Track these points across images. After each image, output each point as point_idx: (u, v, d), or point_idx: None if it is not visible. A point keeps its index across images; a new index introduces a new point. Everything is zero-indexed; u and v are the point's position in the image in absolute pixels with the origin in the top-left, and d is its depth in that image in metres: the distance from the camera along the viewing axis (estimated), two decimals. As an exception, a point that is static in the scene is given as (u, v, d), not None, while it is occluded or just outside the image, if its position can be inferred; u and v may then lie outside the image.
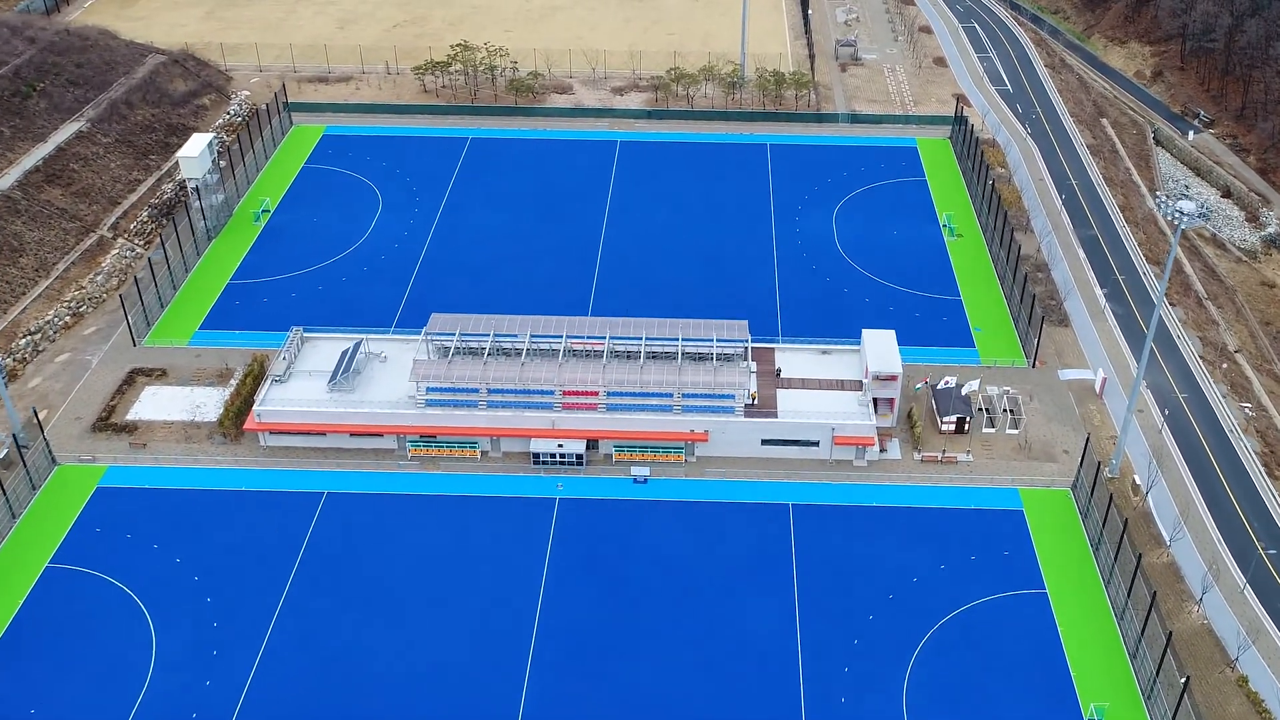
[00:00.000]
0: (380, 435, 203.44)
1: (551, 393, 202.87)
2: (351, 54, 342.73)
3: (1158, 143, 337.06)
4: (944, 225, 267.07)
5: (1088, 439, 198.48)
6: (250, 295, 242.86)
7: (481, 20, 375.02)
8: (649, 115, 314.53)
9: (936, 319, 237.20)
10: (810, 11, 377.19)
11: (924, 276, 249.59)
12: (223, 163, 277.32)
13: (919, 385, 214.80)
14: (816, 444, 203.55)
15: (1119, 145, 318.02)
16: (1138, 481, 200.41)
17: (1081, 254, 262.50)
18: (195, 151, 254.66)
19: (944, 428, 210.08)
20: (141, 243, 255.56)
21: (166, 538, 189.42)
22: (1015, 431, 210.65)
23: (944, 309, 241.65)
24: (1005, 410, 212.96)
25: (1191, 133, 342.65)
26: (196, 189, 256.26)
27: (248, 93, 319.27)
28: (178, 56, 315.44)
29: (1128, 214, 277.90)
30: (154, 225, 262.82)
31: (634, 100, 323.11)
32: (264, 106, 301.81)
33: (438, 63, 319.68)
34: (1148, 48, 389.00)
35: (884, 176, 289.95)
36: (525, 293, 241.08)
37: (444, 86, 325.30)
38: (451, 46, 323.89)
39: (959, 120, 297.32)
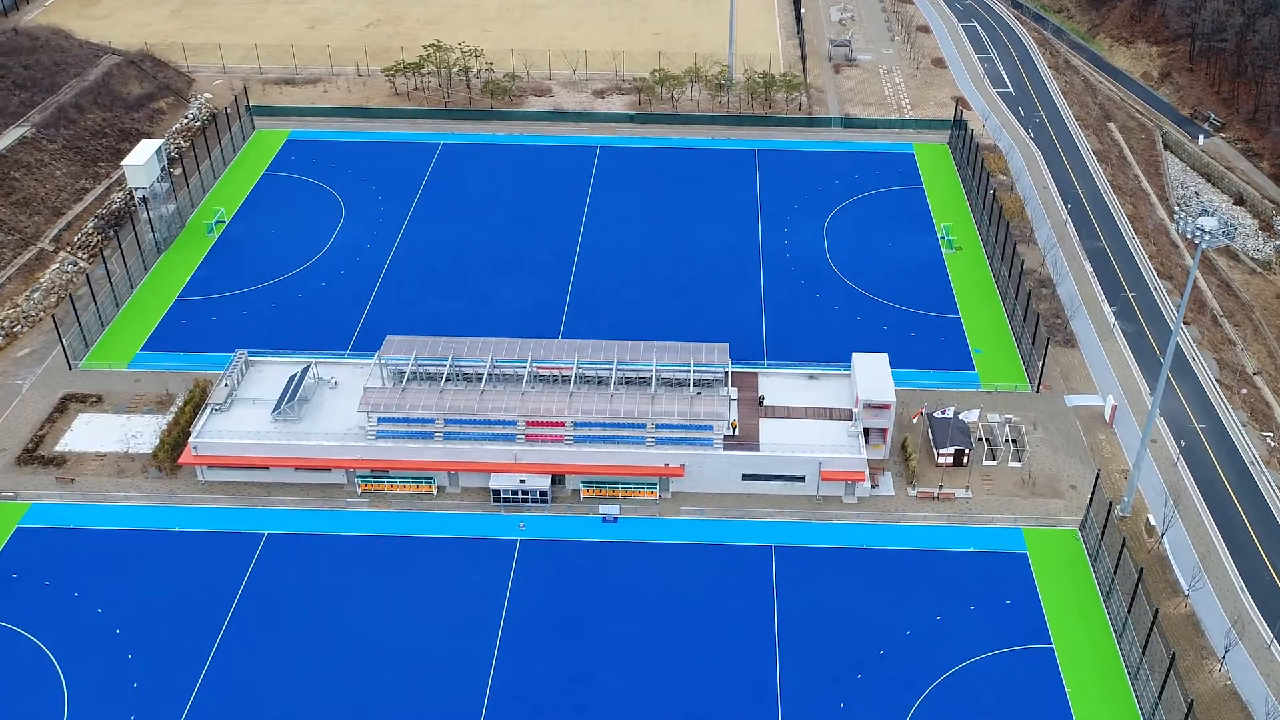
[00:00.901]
0: (328, 470, 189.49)
1: (513, 423, 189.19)
2: (321, 55, 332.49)
3: (1166, 147, 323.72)
4: (942, 237, 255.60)
5: (1098, 476, 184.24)
6: (198, 313, 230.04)
7: (459, 19, 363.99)
8: (631, 119, 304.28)
9: (933, 339, 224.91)
10: (803, 10, 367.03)
11: (920, 293, 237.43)
12: (177, 170, 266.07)
13: (915, 418, 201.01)
14: (802, 479, 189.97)
15: (1127, 150, 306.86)
16: (1152, 522, 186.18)
17: (1089, 268, 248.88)
18: (142, 159, 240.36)
19: (941, 460, 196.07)
20: (85, 256, 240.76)
21: (89, 585, 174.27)
22: (1018, 464, 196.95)
23: (941, 328, 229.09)
24: (1007, 441, 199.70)
25: (1202, 137, 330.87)
26: (144, 199, 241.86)
27: (209, 95, 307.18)
28: (134, 57, 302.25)
29: (1137, 225, 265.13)
30: (100, 237, 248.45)
31: (616, 103, 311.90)
32: (226, 110, 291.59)
33: (409, 64, 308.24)
34: (1155, 48, 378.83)
35: (878, 184, 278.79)
36: (493, 311, 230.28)
37: (416, 89, 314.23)
38: (424, 47, 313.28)
39: (958, 124, 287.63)
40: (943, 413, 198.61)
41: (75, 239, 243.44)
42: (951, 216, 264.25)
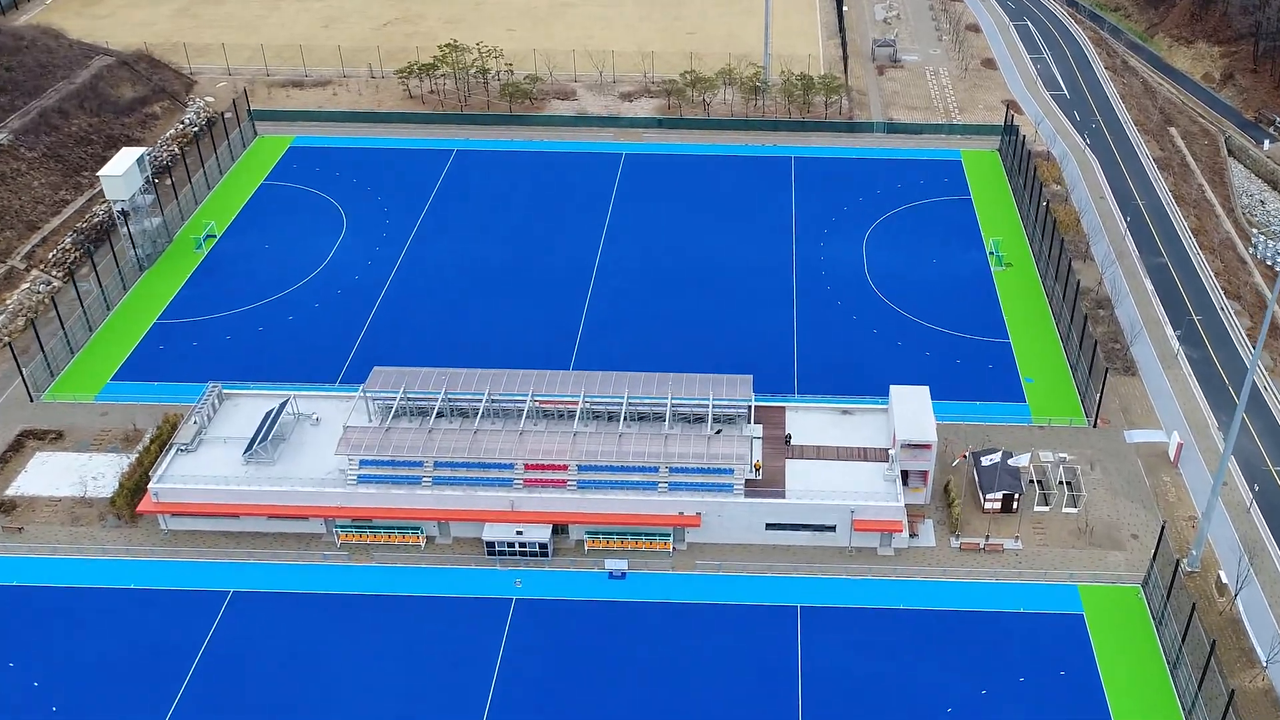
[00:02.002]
0: (305, 518, 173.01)
1: (510, 466, 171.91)
2: (333, 55, 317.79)
3: (1230, 153, 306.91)
4: (990, 252, 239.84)
5: (1163, 528, 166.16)
6: (178, 338, 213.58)
7: (482, 18, 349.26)
8: (659, 124, 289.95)
9: (980, 367, 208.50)
10: (845, 8, 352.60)
11: (966, 314, 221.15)
12: (169, 180, 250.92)
13: (957, 461, 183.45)
14: (833, 529, 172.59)
15: (1189, 157, 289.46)
16: (1224, 579, 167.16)
17: (1150, 286, 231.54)
18: (120, 169, 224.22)
19: (988, 506, 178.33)
20: (60, 275, 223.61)
21: (27, 652, 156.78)
22: (1074, 510, 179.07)
23: (989, 354, 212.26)
24: (1061, 483, 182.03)
25: (1268, 142, 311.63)
26: (124, 212, 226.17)
27: (211, 98, 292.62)
28: (127, 58, 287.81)
29: (1202, 238, 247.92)
30: (78, 254, 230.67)
31: (644, 107, 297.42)
32: (224, 115, 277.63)
33: (424, 65, 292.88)
34: (1216, 48, 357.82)
35: (923, 195, 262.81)
36: (500, 336, 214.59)
37: (431, 92, 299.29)
38: (439, 47, 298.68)
39: (1009, 130, 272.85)
40: (990, 458, 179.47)
41: (50, 256, 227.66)
42: (1001, 230, 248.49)
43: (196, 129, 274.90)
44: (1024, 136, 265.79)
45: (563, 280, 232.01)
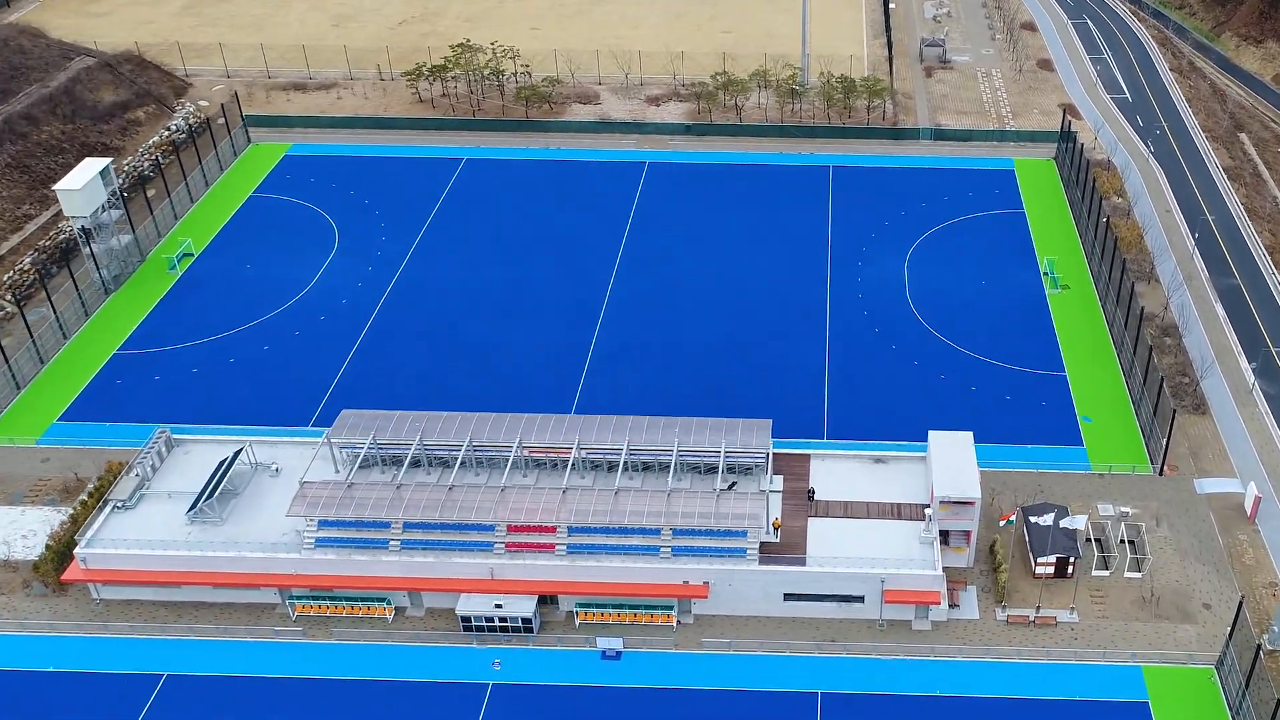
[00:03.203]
0: (256, 588, 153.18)
1: (491, 528, 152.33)
2: (341, 56, 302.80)
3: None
4: (1045, 273, 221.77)
5: (1241, 602, 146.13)
6: (138, 371, 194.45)
7: (504, 16, 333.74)
8: (687, 130, 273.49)
9: (1032, 404, 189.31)
10: (892, 5, 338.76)
11: (1018, 343, 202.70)
12: (151, 191, 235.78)
13: (1003, 521, 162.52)
14: (860, 600, 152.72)
15: (1262, 167, 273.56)
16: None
17: (1221, 312, 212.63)
18: (79, 183, 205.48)
19: (1040, 570, 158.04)
20: (15, 300, 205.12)
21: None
22: (1137, 575, 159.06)
23: (1043, 389, 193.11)
24: (1123, 542, 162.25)
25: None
26: (85, 230, 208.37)
27: (205, 102, 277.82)
28: (110, 60, 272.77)
29: (1277, 257, 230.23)
30: (38, 275, 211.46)
31: (672, 112, 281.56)
32: (209, 120, 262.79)
33: (435, 67, 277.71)
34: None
35: (972, 208, 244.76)
36: (497, 371, 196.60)
37: (443, 95, 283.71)
38: (451, 47, 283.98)
39: (1066, 137, 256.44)
40: (1042, 518, 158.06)
41: (5, 278, 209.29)
42: (1057, 247, 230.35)
43: (184, 136, 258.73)
44: (1082, 144, 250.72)
45: (571, 306, 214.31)
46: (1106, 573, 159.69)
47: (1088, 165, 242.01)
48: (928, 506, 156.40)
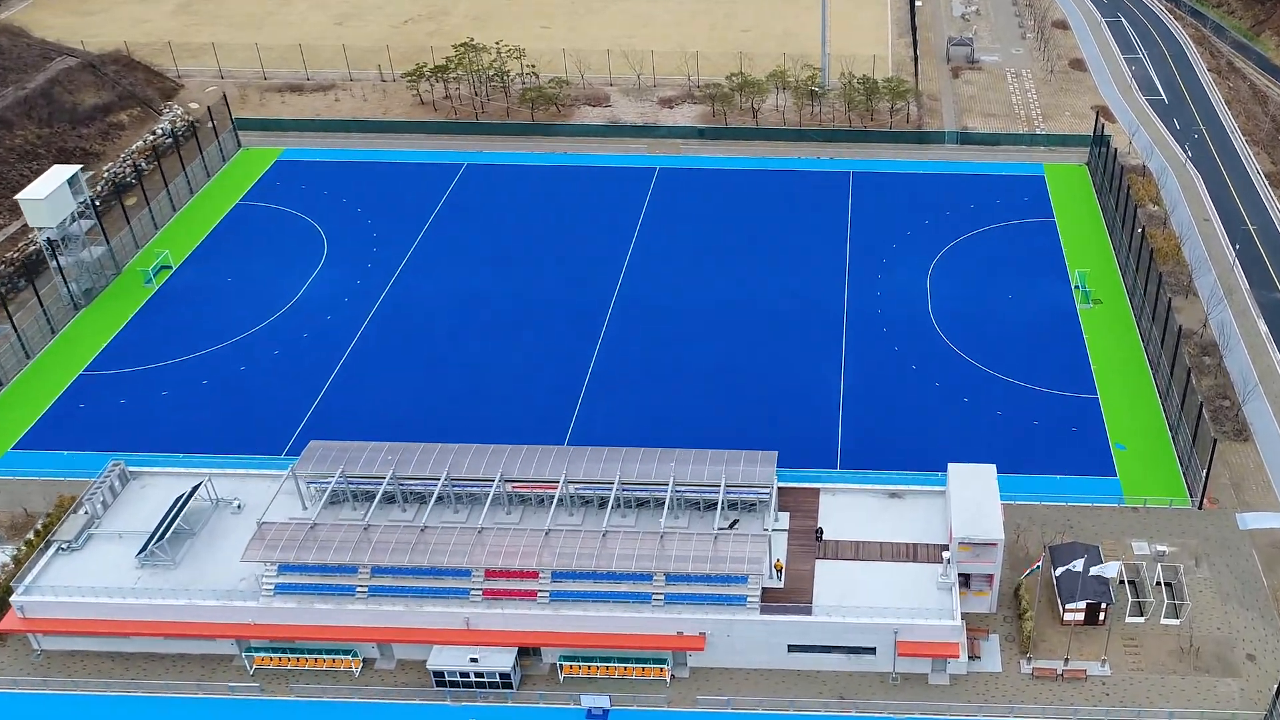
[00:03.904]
0: (211, 638, 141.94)
1: (467, 573, 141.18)
2: (341, 56, 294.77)
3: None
4: (1076, 286, 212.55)
5: None
6: (105, 394, 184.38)
7: (514, 14, 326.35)
8: (700, 134, 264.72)
9: (1062, 429, 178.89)
10: (919, 3, 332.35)
11: (1047, 363, 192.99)
12: (131, 199, 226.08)
13: (1029, 571, 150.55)
14: (872, 651, 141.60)
15: None
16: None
17: (1264, 329, 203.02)
18: (43, 192, 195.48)
19: (1068, 616, 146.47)
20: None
21: None
22: (1175, 621, 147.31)
23: (1073, 413, 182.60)
24: (1159, 584, 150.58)
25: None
26: (52, 242, 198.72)
27: (195, 105, 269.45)
28: (93, 60, 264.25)
29: None
30: (5, 290, 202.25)
31: (686, 115, 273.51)
32: (210, 125, 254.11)
33: (437, 68, 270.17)
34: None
35: (999, 216, 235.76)
36: (488, 395, 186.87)
37: (445, 98, 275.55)
38: (454, 47, 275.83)
39: (1100, 141, 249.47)
40: (1070, 565, 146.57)
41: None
42: (1089, 259, 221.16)
43: (170, 140, 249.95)
44: (1116, 149, 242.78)
45: (571, 322, 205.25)
46: (1141, 619, 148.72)
47: (1122, 171, 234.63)
48: (946, 548, 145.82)
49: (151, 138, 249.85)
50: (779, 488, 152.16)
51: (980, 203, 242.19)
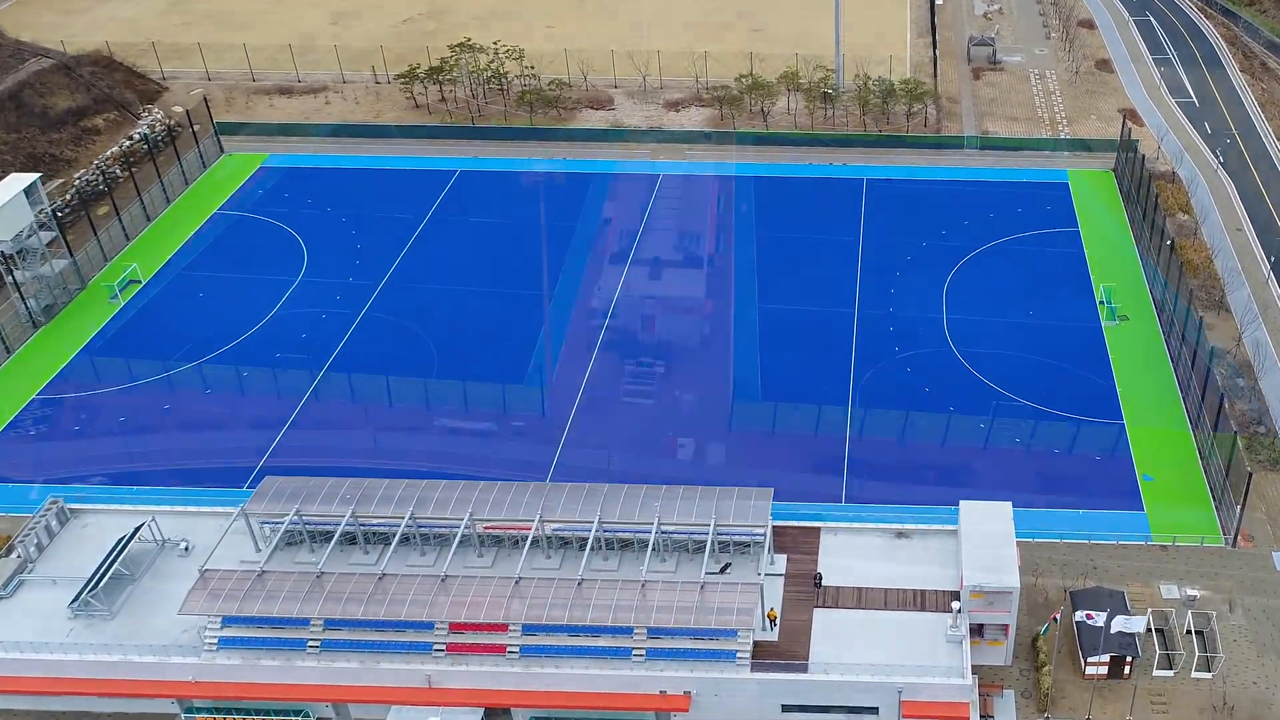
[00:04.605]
0: (149, 698, 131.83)
1: (429, 626, 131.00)
2: (333, 57, 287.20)
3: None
4: (1101, 301, 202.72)
5: None
6: (57, 419, 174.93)
7: (518, 13, 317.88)
8: (706, 138, 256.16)
9: (1085, 458, 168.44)
10: (939, 1, 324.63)
11: (1069, 385, 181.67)
12: (102, 209, 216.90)
13: (1046, 626, 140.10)
14: (874, 712, 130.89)
15: None
16: None
17: None
18: None
19: (1090, 670, 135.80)
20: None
21: None
22: (1207, 675, 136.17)
23: (1097, 441, 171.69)
24: (1190, 633, 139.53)
25: None
26: (6, 255, 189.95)
27: (178, 108, 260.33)
28: (68, 61, 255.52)
29: None
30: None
31: (693, 118, 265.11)
32: (191, 130, 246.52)
33: (432, 69, 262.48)
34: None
35: (1020, 226, 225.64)
36: (467, 423, 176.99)
37: (441, 100, 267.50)
38: (450, 47, 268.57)
39: (1127, 146, 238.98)
40: (1090, 619, 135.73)
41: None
42: (1115, 272, 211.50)
43: (147, 146, 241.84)
44: (1144, 154, 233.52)
45: (561, 342, 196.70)
46: (1170, 673, 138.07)
47: (1150, 178, 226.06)
48: (956, 597, 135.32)
49: (128, 143, 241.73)
50: (775, 527, 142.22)
51: (1000, 211, 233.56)
